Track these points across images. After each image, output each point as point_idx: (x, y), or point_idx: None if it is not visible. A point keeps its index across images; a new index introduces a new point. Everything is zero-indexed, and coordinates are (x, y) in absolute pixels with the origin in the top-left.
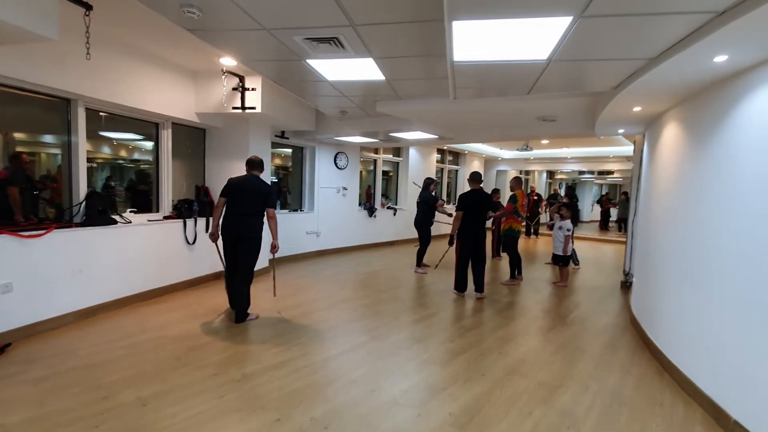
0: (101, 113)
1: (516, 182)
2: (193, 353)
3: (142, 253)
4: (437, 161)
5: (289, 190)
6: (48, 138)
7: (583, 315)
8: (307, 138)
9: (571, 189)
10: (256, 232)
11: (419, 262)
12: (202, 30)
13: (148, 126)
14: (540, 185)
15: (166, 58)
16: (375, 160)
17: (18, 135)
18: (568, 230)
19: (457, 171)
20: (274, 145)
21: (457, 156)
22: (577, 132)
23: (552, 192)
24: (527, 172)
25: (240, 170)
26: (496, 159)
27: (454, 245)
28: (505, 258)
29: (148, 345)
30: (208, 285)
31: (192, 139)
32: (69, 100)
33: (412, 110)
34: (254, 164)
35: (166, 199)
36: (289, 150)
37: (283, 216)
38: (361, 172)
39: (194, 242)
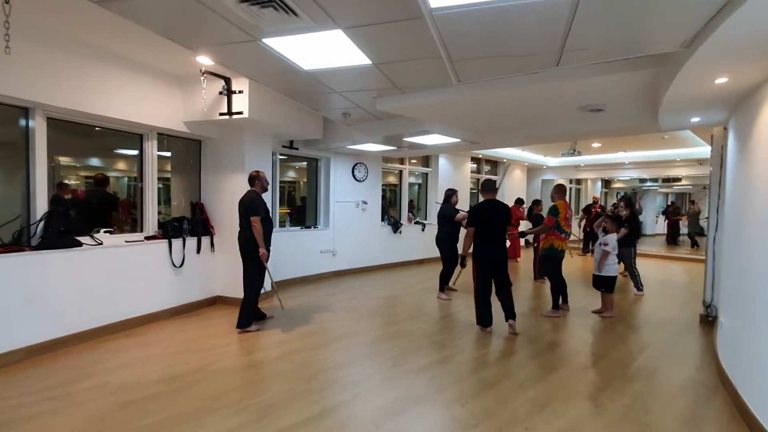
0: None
1: (557, 191)
2: (123, 413)
3: (115, 278)
4: (472, 171)
5: (293, 206)
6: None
7: (651, 364)
8: (320, 148)
9: (629, 199)
10: (249, 245)
11: (442, 287)
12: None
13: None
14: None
15: (146, 62)
16: (400, 171)
17: None
18: (605, 245)
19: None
20: (290, 158)
21: (495, 165)
22: (635, 126)
23: (615, 203)
24: (578, 181)
25: (236, 184)
26: (541, 167)
27: (472, 271)
28: (548, 283)
29: (79, 397)
30: (198, 313)
31: (187, 152)
32: (27, 108)
33: (418, 106)
34: (248, 179)
35: (151, 217)
36: (305, 162)
37: (293, 234)
38: (397, 186)
39: (182, 265)
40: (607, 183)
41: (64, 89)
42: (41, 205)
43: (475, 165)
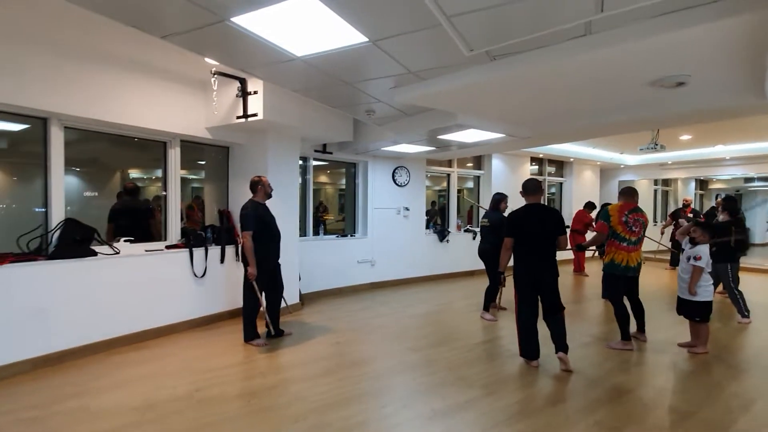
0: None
1: (622, 192)
2: None
3: (131, 289)
4: (533, 174)
5: (321, 214)
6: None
7: (760, 428)
8: (356, 151)
9: (731, 201)
10: (243, 260)
11: (487, 305)
12: None
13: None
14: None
15: (166, 67)
16: (448, 175)
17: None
18: (698, 259)
19: (561, 185)
20: (332, 163)
21: (561, 165)
22: (734, 105)
23: (714, 205)
24: (665, 182)
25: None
26: (617, 167)
27: (513, 292)
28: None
29: (50, 423)
30: (218, 326)
31: (218, 160)
32: (45, 119)
33: (441, 93)
34: (250, 186)
35: (174, 226)
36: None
37: (328, 243)
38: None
39: (204, 275)
40: (702, 183)
41: (79, 98)
42: (58, 214)
43: (537, 166)
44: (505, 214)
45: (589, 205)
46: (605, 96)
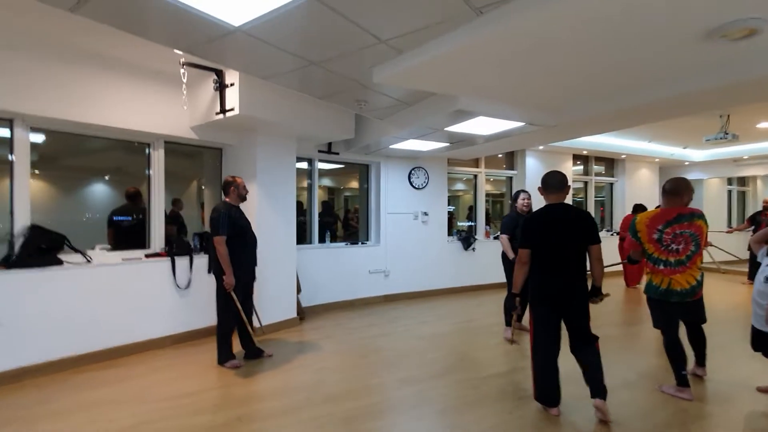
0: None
1: (665, 191)
2: None
3: (104, 300)
4: (577, 174)
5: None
6: None
7: None
8: (366, 151)
9: None
10: (217, 269)
11: (508, 319)
12: None
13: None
14: None
15: (145, 65)
16: (475, 176)
17: None
18: None
19: (612, 185)
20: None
21: (611, 164)
22: None
23: None
24: (741, 181)
25: (249, 196)
26: (681, 164)
27: (526, 315)
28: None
29: None
30: (202, 342)
31: (213, 163)
32: (10, 120)
33: (425, 66)
34: (222, 187)
35: (157, 233)
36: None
37: (337, 251)
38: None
39: (188, 286)
40: None
41: (48, 98)
42: (23, 221)
43: (581, 166)
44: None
45: (639, 209)
46: (639, 62)
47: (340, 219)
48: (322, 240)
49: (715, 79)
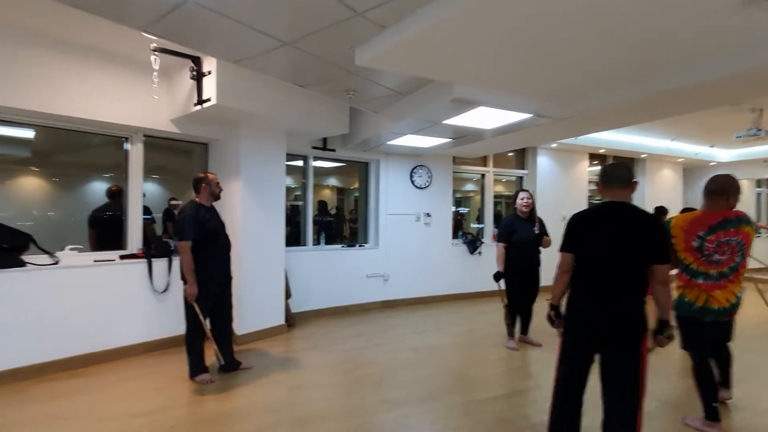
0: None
1: (708, 191)
2: None
3: (72, 305)
4: (592, 175)
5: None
6: None
7: None
8: (364, 148)
9: None
10: (182, 276)
11: (510, 329)
12: None
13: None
14: None
15: (122, 53)
16: (483, 175)
17: None
18: None
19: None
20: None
21: (630, 163)
22: None
23: None
24: None
25: (231, 195)
26: (706, 164)
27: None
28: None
29: None
30: (180, 350)
31: (201, 159)
32: None
33: (410, 44)
34: (193, 184)
35: (135, 233)
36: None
37: (332, 253)
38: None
39: (166, 290)
40: None
41: (9, 87)
42: None
43: (598, 166)
44: (540, 218)
45: (661, 211)
46: (664, 38)
47: (345, 219)
48: (317, 242)
49: (751, 59)
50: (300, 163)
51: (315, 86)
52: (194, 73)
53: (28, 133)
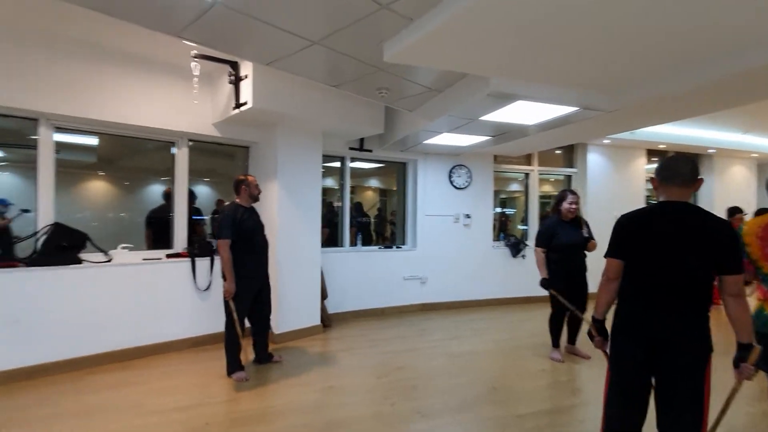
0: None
1: None
2: None
3: (122, 301)
4: (651, 173)
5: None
6: None
7: None
8: (402, 148)
9: None
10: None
11: (555, 339)
12: None
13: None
14: None
15: (166, 60)
16: (527, 174)
17: None
18: None
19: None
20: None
21: (696, 160)
22: None
23: None
24: None
25: (269, 196)
26: None
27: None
28: None
29: None
30: (219, 347)
31: (242, 162)
32: (35, 119)
33: (439, 36)
34: (233, 186)
35: (180, 233)
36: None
37: (366, 255)
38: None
39: (208, 288)
40: None
41: (68, 96)
42: (46, 219)
43: (657, 164)
44: (586, 221)
45: (735, 212)
46: (734, 3)
47: (387, 221)
48: (354, 243)
49: None
50: (338, 164)
51: (347, 85)
52: (232, 77)
53: (92, 140)
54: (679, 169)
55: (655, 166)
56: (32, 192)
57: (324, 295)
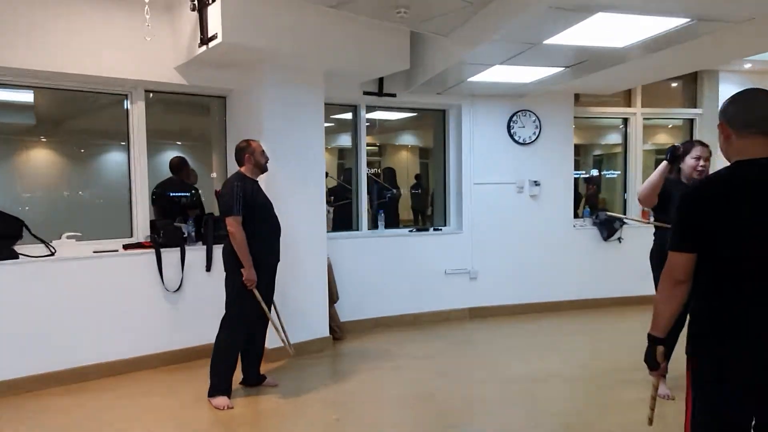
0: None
1: None
2: None
3: (69, 306)
4: None
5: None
6: None
7: None
8: (438, 89)
9: None
10: (228, 262)
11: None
12: None
13: None
14: None
15: None
16: (625, 120)
17: None
18: None
19: None
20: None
21: None
22: None
23: None
24: None
25: None
26: None
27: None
28: None
29: None
30: (199, 364)
31: (218, 117)
32: None
33: None
34: (235, 154)
35: (141, 217)
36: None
37: (392, 241)
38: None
39: (179, 288)
40: None
41: None
42: None
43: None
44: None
45: None
46: None
47: (429, 192)
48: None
49: None
50: (349, 116)
51: (353, 4)
52: (195, 2)
53: (27, 96)
54: (754, 109)
55: None
56: None
57: (334, 298)
